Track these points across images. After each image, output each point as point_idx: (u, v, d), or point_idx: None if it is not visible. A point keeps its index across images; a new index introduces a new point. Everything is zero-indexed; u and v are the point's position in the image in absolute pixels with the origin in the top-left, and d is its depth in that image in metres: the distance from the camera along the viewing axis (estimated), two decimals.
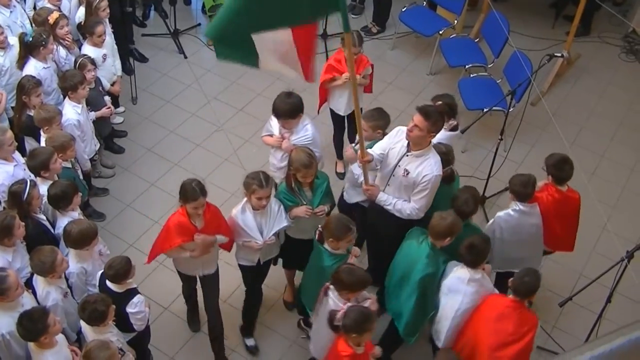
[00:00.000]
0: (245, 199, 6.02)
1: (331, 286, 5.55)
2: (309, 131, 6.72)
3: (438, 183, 6.04)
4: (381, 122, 6.71)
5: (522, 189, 6.19)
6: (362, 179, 6.33)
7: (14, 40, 7.41)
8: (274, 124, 6.83)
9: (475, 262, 5.69)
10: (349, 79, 7.30)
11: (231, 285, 7.20)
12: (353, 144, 6.76)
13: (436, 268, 5.83)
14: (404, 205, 6.17)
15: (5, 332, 5.28)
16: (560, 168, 6.38)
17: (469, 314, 5.76)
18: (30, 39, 7.21)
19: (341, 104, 7.94)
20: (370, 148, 6.26)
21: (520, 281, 5.53)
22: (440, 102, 6.71)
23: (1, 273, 5.20)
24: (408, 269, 5.91)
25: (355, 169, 6.62)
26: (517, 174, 6.36)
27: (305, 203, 6.20)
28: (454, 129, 6.91)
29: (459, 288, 5.74)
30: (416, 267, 5.82)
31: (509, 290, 5.72)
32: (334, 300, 5.52)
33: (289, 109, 6.57)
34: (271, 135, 6.90)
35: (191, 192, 5.77)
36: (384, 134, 6.48)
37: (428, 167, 5.95)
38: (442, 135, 6.50)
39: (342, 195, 7.05)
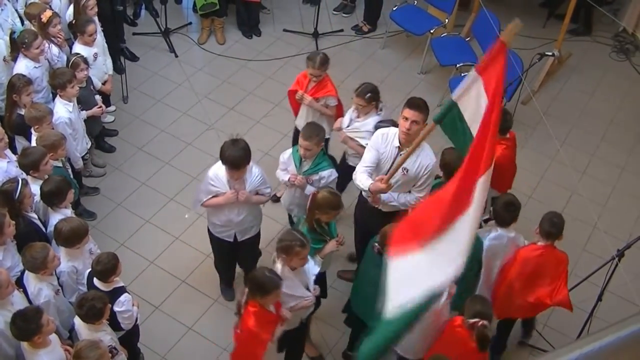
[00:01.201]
0: (281, 264, 5.59)
1: None
2: (255, 171, 6.34)
3: (435, 168, 6.21)
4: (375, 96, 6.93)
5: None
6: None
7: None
8: (219, 179, 6.25)
9: (511, 220, 6.02)
10: (302, 97, 7.25)
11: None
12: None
13: None
14: (407, 197, 6.22)
15: None
16: None
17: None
18: (15, 37, 7.21)
19: (301, 120, 7.50)
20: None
21: (550, 223, 5.89)
22: (369, 94, 6.84)
23: None
24: None
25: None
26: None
27: (329, 238, 6.14)
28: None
29: (502, 249, 6.08)
30: None
31: None
32: None
33: (240, 156, 6.00)
34: (216, 195, 6.33)
35: (270, 282, 5.30)
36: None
37: (426, 158, 6.03)
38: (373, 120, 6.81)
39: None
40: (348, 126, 7.04)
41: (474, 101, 4.51)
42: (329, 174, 6.56)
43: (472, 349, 5.36)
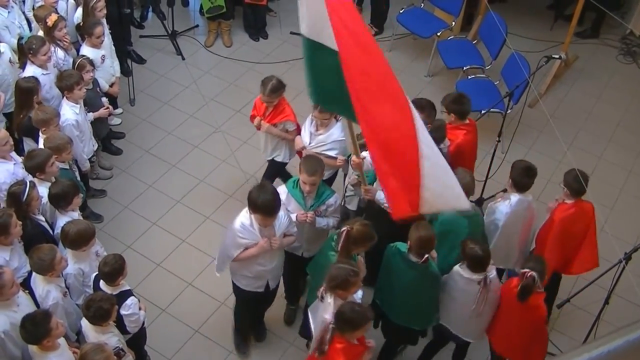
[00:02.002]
0: (332, 299, 5.37)
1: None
2: (280, 213, 5.87)
3: None
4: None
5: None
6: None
7: (4, 47, 7.39)
8: (248, 229, 5.82)
9: (531, 185, 6.30)
10: (259, 124, 7.11)
11: (230, 288, 7.21)
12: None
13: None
14: None
15: (1, 332, 5.28)
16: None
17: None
18: (24, 42, 7.23)
19: (261, 144, 7.40)
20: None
21: (573, 180, 6.21)
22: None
23: None
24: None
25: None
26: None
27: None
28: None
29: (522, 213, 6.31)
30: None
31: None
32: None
33: (274, 200, 5.68)
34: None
35: (361, 317, 5.17)
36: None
37: None
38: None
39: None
40: (310, 142, 6.80)
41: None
42: (334, 200, 6.29)
43: (515, 298, 5.63)
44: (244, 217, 5.79)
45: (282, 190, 6.16)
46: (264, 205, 5.55)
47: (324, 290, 5.39)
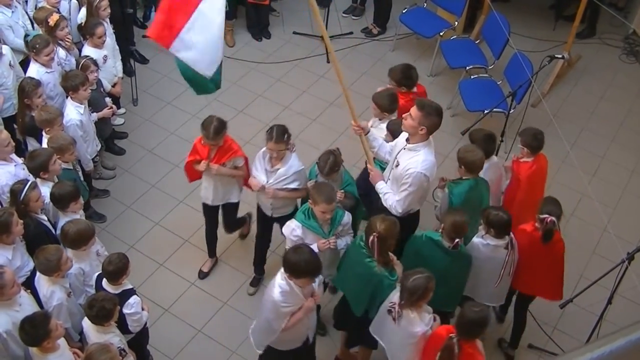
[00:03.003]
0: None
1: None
2: None
3: (422, 182, 5.97)
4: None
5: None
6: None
7: (5, 50, 7.39)
8: (291, 294, 5.52)
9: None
10: (207, 167, 6.59)
11: (233, 287, 7.23)
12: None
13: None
14: (390, 196, 6.17)
15: (2, 331, 5.29)
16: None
17: None
18: (28, 40, 7.24)
19: (209, 192, 6.90)
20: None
21: (532, 139, 6.63)
22: (285, 134, 6.43)
23: None
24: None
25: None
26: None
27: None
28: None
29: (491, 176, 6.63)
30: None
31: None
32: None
33: (316, 259, 5.47)
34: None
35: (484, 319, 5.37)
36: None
37: (414, 163, 5.91)
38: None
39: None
40: (269, 180, 6.52)
41: None
42: (348, 219, 6.18)
43: (538, 241, 6.00)
44: (281, 285, 5.45)
45: (295, 225, 6.05)
46: (310, 267, 5.35)
47: (401, 307, 5.41)
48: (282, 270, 5.46)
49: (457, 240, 5.83)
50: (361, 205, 6.65)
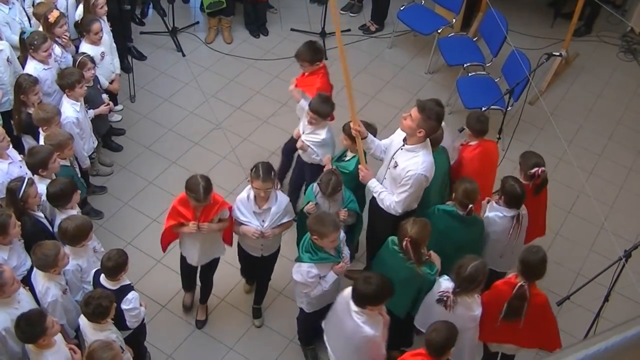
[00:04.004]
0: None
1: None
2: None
3: (422, 183, 5.99)
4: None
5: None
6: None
7: (3, 45, 7.38)
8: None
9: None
10: (197, 229, 6.08)
11: (229, 284, 7.22)
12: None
13: None
14: (387, 196, 6.17)
15: (1, 329, 5.30)
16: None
17: None
18: (25, 37, 7.22)
19: (194, 253, 6.49)
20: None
21: (475, 122, 6.77)
22: (272, 172, 6.05)
23: None
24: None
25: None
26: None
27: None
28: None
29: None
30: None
31: None
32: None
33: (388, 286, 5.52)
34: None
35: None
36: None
37: (414, 164, 5.91)
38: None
39: None
40: (264, 223, 6.23)
41: None
42: (342, 234, 6.07)
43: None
44: (363, 319, 5.46)
45: (308, 266, 5.88)
46: (387, 290, 5.40)
47: (457, 294, 5.51)
48: (352, 306, 5.46)
49: (470, 206, 6.01)
50: (361, 220, 6.66)
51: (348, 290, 5.55)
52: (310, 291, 5.95)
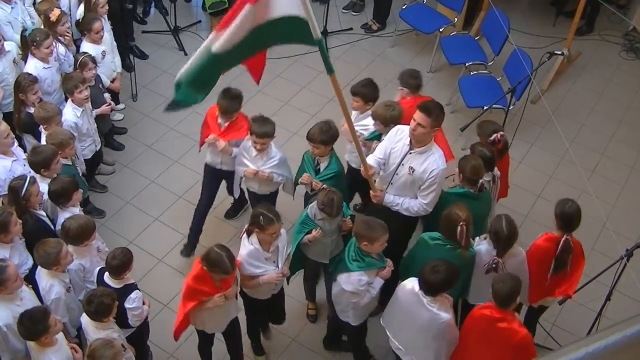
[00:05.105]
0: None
1: None
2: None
3: (444, 177, 6.10)
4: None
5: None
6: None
7: (11, 47, 7.40)
8: None
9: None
10: (225, 300, 5.74)
11: None
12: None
13: None
14: (411, 203, 6.19)
15: (3, 325, 5.31)
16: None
17: None
18: (28, 35, 7.23)
19: (220, 320, 6.15)
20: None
21: (409, 78, 7.17)
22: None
23: (1, 264, 5.23)
24: None
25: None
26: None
27: None
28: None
29: None
30: None
31: None
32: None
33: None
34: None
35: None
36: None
37: (434, 163, 6.00)
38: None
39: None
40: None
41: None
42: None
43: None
44: (437, 306, 5.55)
45: (359, 275, 5.82)
46: (454, 277, 5.50)
47: (501, 256, 5.77)
48: (423, 298, 5.52)
49: (480, 182, 6.16)
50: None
51: (410, 285, 5.64)
52: (361, 300, 5.91)
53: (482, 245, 5.94)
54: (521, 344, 5.43)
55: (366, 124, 6.91)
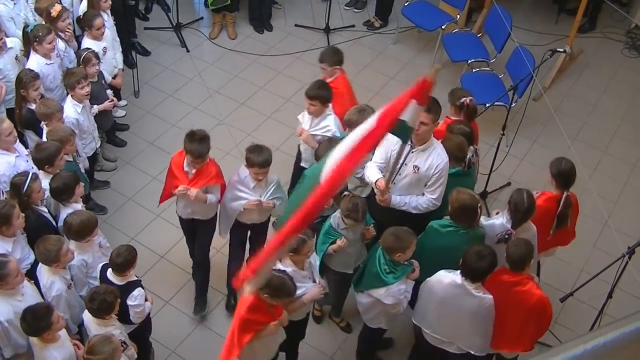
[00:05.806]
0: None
1: None
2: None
3: (448, 169, 6.13)
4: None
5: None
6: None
7: (13, 43, 7.40)
8: None
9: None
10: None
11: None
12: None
13: None
14: (419, 200, 6.17)
15: (4, 320, 5.31)
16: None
17: None
18: (30, 31, 7.23)
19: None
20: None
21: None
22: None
23: (2, 259, 5.22)
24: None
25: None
26: None
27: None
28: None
29: None
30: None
31: None
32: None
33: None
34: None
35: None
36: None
37: (437, 157, 6.00)
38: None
39: None
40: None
41: None
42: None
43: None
44: (474, 290, 5.60)
45: (398, 285, 5.79)
46: (495, 264, 5.52)
47: (515, 227, 5.89)
48: (468, 286, 5.53)
49: (468, 157, 6.33)
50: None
51: (447, 279, 5.62)
52: (401, 307, 5.89)
53: (497, 220, 6.04)
54: (537, 306, 5.54)
55: (326, 125, 6.81)
